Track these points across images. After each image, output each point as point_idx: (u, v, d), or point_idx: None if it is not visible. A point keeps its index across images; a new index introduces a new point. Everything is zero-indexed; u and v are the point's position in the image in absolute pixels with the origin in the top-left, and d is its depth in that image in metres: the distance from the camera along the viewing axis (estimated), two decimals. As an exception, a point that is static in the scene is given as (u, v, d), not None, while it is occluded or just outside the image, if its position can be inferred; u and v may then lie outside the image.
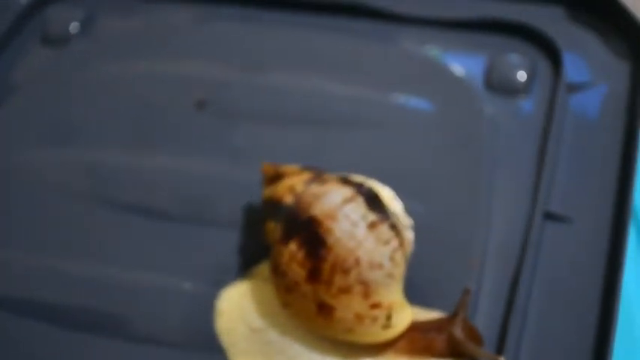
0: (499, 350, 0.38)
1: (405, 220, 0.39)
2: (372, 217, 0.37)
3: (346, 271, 0.36)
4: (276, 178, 0.41)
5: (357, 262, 0.36)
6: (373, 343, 0.37)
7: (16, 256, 0.44)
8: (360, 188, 0.38)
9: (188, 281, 0.42)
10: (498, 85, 0.49)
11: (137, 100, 0.51)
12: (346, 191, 0.37)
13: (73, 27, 0.56)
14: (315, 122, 0.49)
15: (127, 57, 0.53)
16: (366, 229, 0.36)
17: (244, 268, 0.42)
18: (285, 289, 0.37)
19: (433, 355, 0.37)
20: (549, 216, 0.43)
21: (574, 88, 0.48)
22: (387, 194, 0.39)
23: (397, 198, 0.40)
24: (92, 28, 0.56)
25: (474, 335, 0.37)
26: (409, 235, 0.38)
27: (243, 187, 0.45)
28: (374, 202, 0.37)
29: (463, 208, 0.44)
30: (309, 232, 0.36)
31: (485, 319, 0.39)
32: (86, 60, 0.53)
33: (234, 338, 0.39)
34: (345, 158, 0.47)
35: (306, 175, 0.40)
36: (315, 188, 0.38)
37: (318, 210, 0.37)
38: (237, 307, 0.40)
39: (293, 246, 0.37)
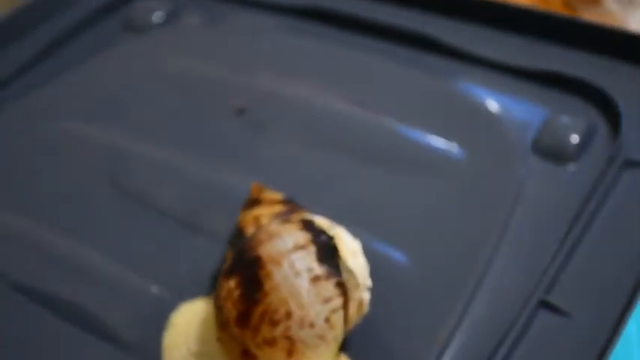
0: None
1: (362, 280, 0.36)
2: (318, 270, 0.34)
3: (274, 323, 0.34)
4: (253, 202, 0.40)
5: (288, 315, 0.34)
6: (291, 404, 0.35)
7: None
8: (317, 237, 0.35)
9: (157, 285, 0.41)
10: (546, 148, 0.44)
11: (185, 98, 0.51)
12: (301, 237, 0.35)
13: (156, 17, 0.57)
14: (344, 150, 0.47)
15: (193, 55, 0.54)
16: (308, 282, 0.34)
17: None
18: (219, 323, 0.36)
19: None
20: (545, 305, 0.38)
21: (631, 164, 0.42)
22: (350, 248, 0.36)
23: (361, 254, 0.37)
24: (174, 21, 0.57)
25: None
26: (363, 297, 0.36)
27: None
28: (328, 254, 0.35)
29: (449, 272, 0.40)
30: (251, 273, 0.35)
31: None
32: (156, 51, 0.54)
33: (171, 355, 0.38)
34: (355, 192, 0.44)
35: (278, 208, 0.38)
36: (274, 227, 0.36)
37: (266, 251, 0.35)
38: (186, 326, 0.39)
39: (232, 283, 0.35)
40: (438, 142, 0.46)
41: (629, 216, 0.40)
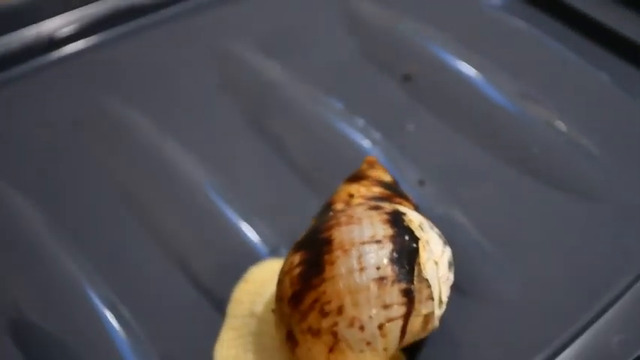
0: None
1: (437, 293, 0.32)
2: (387, 270, 0.31)
3: (324, 314, 0.31)
4: (359, 177, 0.37)
5: (340, 310, 0.31)
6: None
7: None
8: (400, 234, 0.32)
9: (255, 231, 0.40)
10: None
11: (357, 52, 0.49)
12: (381, 230, 0.32)
13: None
14: (488, 143, 0.43)
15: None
16: (372, 280, 0.31)
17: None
18: (277, 296, 0.33)
19: None
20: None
21: None
22: (435, 256, 0.32)
23: (447, 267, 0.32)
24: None
25: None
26: (434, 312, 0.32)
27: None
28: (405, 256, 0.31)
29: (559, 315, 0.35)
30: (316, 253, 0.32)
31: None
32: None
33: (236, 311, 0.36)
34: (491, 197, 0.41)
35: (376, 190, 0.35)
36: (360, 211, 0.33)
37: (339, 235, 0.32)
38: (259, 284, 0.37)
39: (297, 258, 0.32)
40: (609, 162, 0.40)
41: None
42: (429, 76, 0.47)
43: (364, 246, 0.31)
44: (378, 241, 0.31)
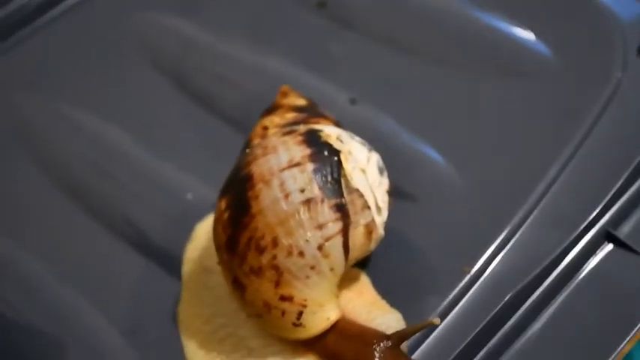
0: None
1: (373, 200, 0.31)
2: (313, 191, 0.30)
3: (261, 250, 0.30)
4: (274, 108, 0.35)
5: (275, 242, 0.29)
6: (285, 337, 0.31)
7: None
8: (319, 152, 0.30)
9: (192, 192, 0.38)
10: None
11: None
12: (298, 152, 0.30)
13: None
14: (420, 53, 0.42)
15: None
16: (300, 204, 0.29)
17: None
18: (215, 246, 0.32)
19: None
20: (610, 238, 0.31)
21: None
22: (361, 164, 0.31)
23: (377, 171, 0.31)
24: None
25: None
26: (372, 219, 0.31)
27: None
28: (326, 172, 0.30)
29: (506, 191, 0.34)
30: (239, 193, 0.31)
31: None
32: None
33: (190, 270, 0.36)
34: (421, 96, 0.39)
35: (290, 116, 0.34)
36: (275, 139, 0.32)
37: (258, 168, 0.31)
38: (207, 239, 0.36)
39: (223, 203, 0.31)
40: (529, 40, 0.39)
41: None
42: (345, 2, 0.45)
43: (284, 172, 0.30)
44: (297, 164, 0.30)
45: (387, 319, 0.31)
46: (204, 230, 0.37)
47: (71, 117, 0.42)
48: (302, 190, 0.30)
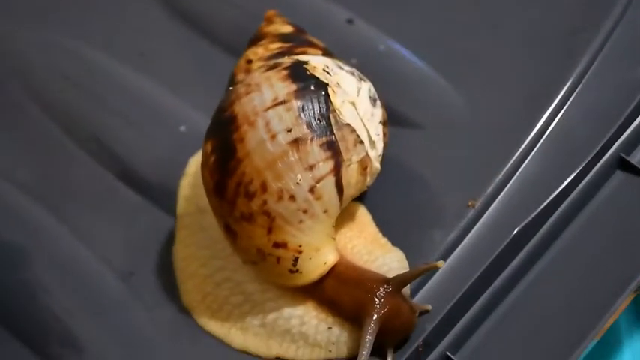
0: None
1: (366, 134, 0.29)
2: (300, 130, 0.28)
3: (250, 196, 0.28)
4: (258, 38, 0.33)
5: (264, 187, 0.28)
6: (282, 284, 0.30)
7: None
8: (305, 87, 0.28)
9: (186, 125, 0.37)
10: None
11: None
12: (283, 89, 0.28)
13: None
14: None
15: None
16: (287, 145, 0.28)
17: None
18: (205, 190, 0.31)
19: (337, 310, 0.29)
20: (624, 165, 0.28)
21: None
22: (350, 96, 0.29)
23: (369, 101, 0.29)
24: None
25: (395, 317, 0.27)
26: (367, 154, 0.29)
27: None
28: (314, 108, 0.28)
29: (512, 118, 0.32)
30: (224, 136, 0.29)
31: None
32: None
33: (184, 209, 0.34)
34: (428, 12, 0.37)
35: (275, 46, 0.32)
36: (258, 75, 0.29)
37: (241, 108, 0.29)
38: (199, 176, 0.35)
39: (208, 147, 0.29)
40: None
41: None
42: None
43: (268, 111, 0.28)
44: (282, 102, 0.28)
45: (389, 259, 0.30)
46: (197, 165, 0.35)
47: (63, 44, 0.40)
48: (289, 130, 0.28)
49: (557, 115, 0.31)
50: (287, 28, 0.33)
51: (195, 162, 0.35)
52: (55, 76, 0.39)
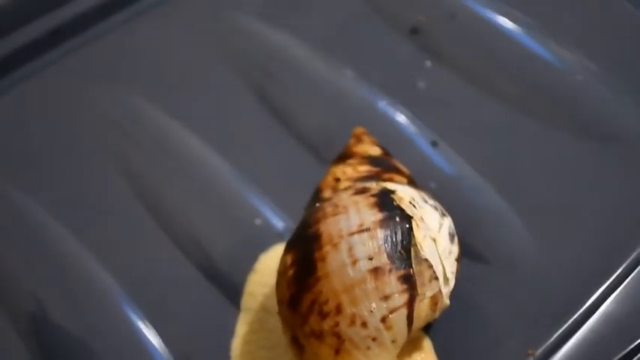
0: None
1: (441, 271, 0.30)
2: (381, 259, 0.29)
3: (323, 315, 0.29)
4: (346, 155, 0.34)
5: (338, 309, 0.29)
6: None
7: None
8: (390, 217, 0.29)
9: (260, 219, 0.38)
10: None
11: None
12: (369, 216, 0.30)
13: None
14: (515, 102, 0.40)
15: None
16: (367, 272, 0.29)
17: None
18: (277, 299, 0.32)
19: None
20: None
21: None
22: (432, 231, 0.30)
23: (448, 238, 0.30)
24: None
25: None
26: (440, 291, 0.30)
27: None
28: (397, 240, 0.29)
29: (581, 273, 0.32)
30: (306, 251, 0.30)
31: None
32: None
33: (249, 305, 0.35)
34: (504, 150, 0.38)
35: (363, 169, 0.33)
36: (346, 197, 0.31)
37: (327, 228, 0.30)
38: (271, 276, 0.35)
39: (289, 258, 0.31)
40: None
41: None
42: (438, 26, 0.43)
43: (353, 237, 0.29)
44: (367, 229, 0.29)
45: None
46: (267, 264, 0.36)
47: (155, 121, 0.42)
48: (370, 258, 0.29)
49: (628, 275, 0.32)
50: (375, 150, 0.34)
51: (265, 260, 0.37)
52: (141, 155, 0.41)
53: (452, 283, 0.31)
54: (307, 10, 0.45)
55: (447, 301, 0.31)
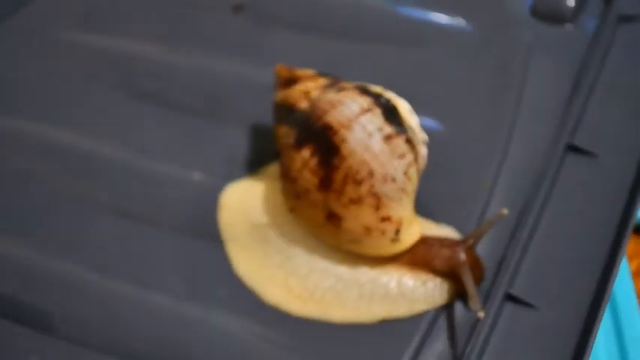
0: (495, 275, 0.37)
1: (420, 135, 0.38)
2: (388, 129, 0.36)
3: (359, 183, 0.35)
4: (290, 81, 0.40)
5: (371, 174, 0.35)
6: (378, 256, 0.36)
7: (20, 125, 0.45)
8: (378, 99, 0.37)
9: (198, 172, 0.42)
10: (544, 12, 0.47)
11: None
12: (364, 101, 0.36)
13: None
14: (348, 34, 0.48)
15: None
16: (382, 141, 0.35)
17: (252, 166, 0.42)
18: (294, 194, 0.37)
19: (430, 269, 0.36)
20: (572, 149, 0.41)
21: (624, 19, 0.46)
22: (404, 107, 0.38)
23: (413, 112, 0.38)
24: None
25: (475, 266, 0.36)
26: (423, 151, 0.37)
27: (263, 90, 0.44)
28: (391, 114, 0.36)
29: (482, 130, 0.43)
30: (324, 140, 0.36)
31: (486, 245, 0.38)
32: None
33: (235, 232, 0.39)
34: (372, 71, 0.45)
35: (322, 81, 0.39)
36: (332, 95, 0.37)
37: (334, 118, 0.36)
38: (241, 202, 0.40)
39: (306, 152, 0.36)
40: (445, 19, 0.48)
41: (633, 63, 0.44)
42: (258, 2, 0.50)
43: (360, 117, 0.36)
44: (368, 109, 0.36)
45: (444, 232, 0.38)
46: (233, 198, 0.40)
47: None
48: (380, 129, 0.36)
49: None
50: (312, 71, 0.40)
51: (229, 195, 0.40)
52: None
53: (426, 147, 0.39)
54: (123, 15, 0.50)
55: (425, 161, 0.38)
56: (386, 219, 0.35)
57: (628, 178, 0.40)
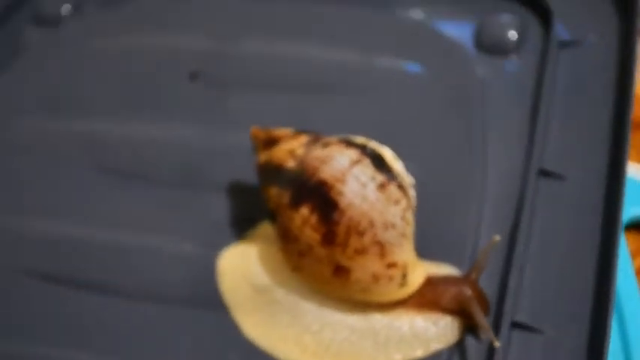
0: (499, 305, 0.38)
1: (408, 179, 0.39)
2: (380, 178, 0.37)
3: (361, 233, 0.36)
4: (269, 142, 0.41)
5: (372, 223, 0.36)
6: (388, 302, 0.37)
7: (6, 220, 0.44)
8: (364, 150, 0.38)
9: (186, 242, 0.42)
10: (489, 46, 0.49)
11: (130, 74, 0.50)
12: (352, 153, 0.37)
13: (65, 9, 0.56)
14: (305, 88, 0.49)
15: (116, 35, 0.53)
16: (376, 190, 0.36)
17: (240, 230, 0.42)
18: (297, 253, 0.37)
19: (439, 309, 0.37)
20: (543, 173, 0.43)
21: (565, 44, 0.48)
22: (388, 154, 0.39)
23: (397, 158, 0.39)
24: (83, 10, 0.56)
25: (481, 299, 0.37)
26: (413, 194, 0.39)
27: (235, 153, 0.44)
28: (379, 162, 0.37)
29: (457, 165, 0.44)
30: (321, 196, 0.36)
31: (482, 276, 0.39)
32: (77, 38, 0.53)
33: (238, 297, 0.39)
34: (337, 123, 0.46)
35: (303, 138, 0.40)
36: (320, 151, 0.38)
37: (327, 173, 0.37)
38: (239, 267, 0.40)
39: (305, 210, 0.36)
40: (396, 64, 0.50)
41: (581, 86, 0.47)
42: (213, 67, 0.51)
43: (352, 169, 0.37)
44: (358, 161, 0.37)
45: (445, 271, 0.39)
46: (229, 263, 0.41)
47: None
48: (373, 179, 0.37)
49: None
50: (289, 130, 0.41)
51: (226, 261, 0.41)
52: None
53: (414, 192, 0.40)
54: (83, 96, 0.50)
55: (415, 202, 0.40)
56: (392, 265, 0.36)
57: (600, 192, 0.42)
